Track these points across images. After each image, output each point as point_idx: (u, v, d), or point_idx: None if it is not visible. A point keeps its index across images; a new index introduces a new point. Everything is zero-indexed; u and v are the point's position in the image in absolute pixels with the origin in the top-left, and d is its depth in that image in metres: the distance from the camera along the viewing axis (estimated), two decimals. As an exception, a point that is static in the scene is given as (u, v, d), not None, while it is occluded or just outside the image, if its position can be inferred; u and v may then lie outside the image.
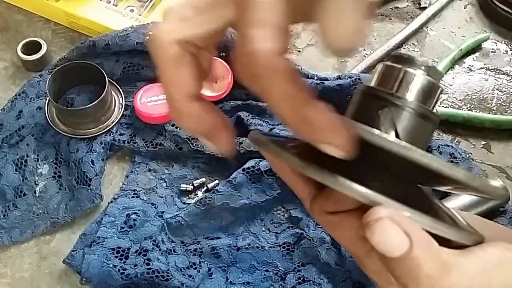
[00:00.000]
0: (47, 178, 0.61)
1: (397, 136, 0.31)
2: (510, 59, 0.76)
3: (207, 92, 0.65)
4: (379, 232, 0.27)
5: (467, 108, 0.71)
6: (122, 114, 0.66)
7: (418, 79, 0.32)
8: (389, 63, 0.33)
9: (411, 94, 0.32)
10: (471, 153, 0.66)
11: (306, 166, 0.28)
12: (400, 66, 0.32)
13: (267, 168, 0.59)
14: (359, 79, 0.65)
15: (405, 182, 0.32)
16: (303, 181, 0.34)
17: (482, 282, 0.28)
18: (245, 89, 0.71)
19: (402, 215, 0.27)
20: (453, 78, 0.74)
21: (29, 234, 0.58)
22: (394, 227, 0.27)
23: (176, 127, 0.63)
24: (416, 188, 0.33)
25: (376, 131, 0.27)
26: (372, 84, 0.33)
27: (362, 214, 0.29)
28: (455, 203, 0.58)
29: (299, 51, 0.75)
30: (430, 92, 0.32)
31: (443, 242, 0.29)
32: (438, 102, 0.60)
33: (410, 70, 0.32)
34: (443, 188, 0.32)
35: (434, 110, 0.32)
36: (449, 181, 0.29)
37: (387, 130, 0.31)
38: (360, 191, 0.27)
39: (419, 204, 0.30)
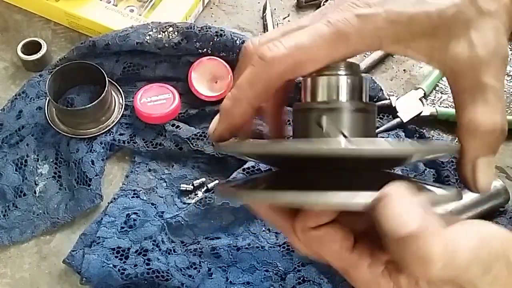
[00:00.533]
0: (47, 178, 0.61)
1: (345, 137, 0.33)
2: (510, 59, 0.76)
3: (207, 92, 0.65)
4: (390, 207, 0.27)
5: (467, 108, 0.71)
6: (122, 114, 0.66)
7: (341, 80, 0.33)
8: (311, 76, 0.34)
9: (341, 95, 0.33)
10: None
11: (274, 195, 0.29)
12: (321, 74, 0.34)
13: (267, 168, 0.59)
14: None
15: (371, 174, 0.33)
16: (281, 214, 0.35)
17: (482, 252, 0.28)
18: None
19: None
20: (453, 78, 0.74)
21: (29, 234, 0.58)
22: (405, 202, 0.27)
23: (176, 127, 0.63)
24: (386, 174, 0.34)
25: (314, 140, 0.29)
26: (304, 100, 0.35)
27: (343, 225, 0.31)
28: (454, 203, 0.58)
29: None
30: (356, 87, 0.34)
31: None
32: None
33: (330, 75, 0.34)
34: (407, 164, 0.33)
35: (367, 100, 0.34)
36: (404, 159, 0.31)
37: (335, 136, 0.32)
38: (331, 197, 0.28)
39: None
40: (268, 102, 0.39)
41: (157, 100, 0.64)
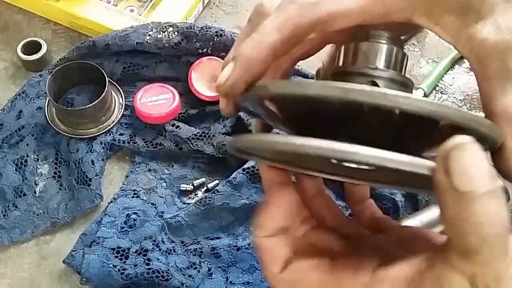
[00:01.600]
0: (47, 178, 0.61)
1: None
2: None
3: (207, 92, 0.65)
4: (468, 158, 0.24)
5: (467, 108, 0.71)
6: (122, 114, 0.66)
7: (389, 51, 0.33)
8: (363, 40, 0.33)
9: (389, 65, 0.32)
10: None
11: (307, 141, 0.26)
12: (371, 41, 0.33)
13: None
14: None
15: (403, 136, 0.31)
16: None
17: None
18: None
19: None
20: (453, 78, 0.74)
21: (29, 234, 0.58)
22: (483, 158, 0.25)
23: (176, 127, 0.63)
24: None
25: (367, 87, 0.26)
26: (345, 64, 0.33)
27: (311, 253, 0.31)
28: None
29: (299, 51, 0.75)
30: (402, 61, 0.33)
31: None
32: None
33: (380, 42, 0.33)
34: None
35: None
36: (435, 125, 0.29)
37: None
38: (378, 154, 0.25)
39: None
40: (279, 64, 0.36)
41: (157, 100, 0.64)
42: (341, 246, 0.34)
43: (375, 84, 0.32)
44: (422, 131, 0.31)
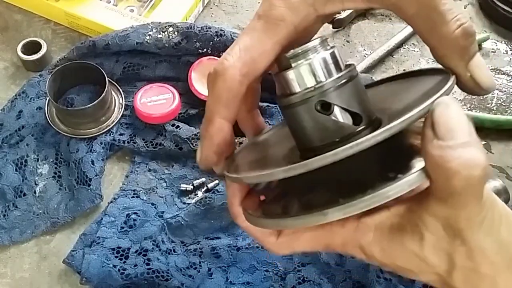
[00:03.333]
0: (47, 178, 0.61)
1: (349, 111, 0.33)
2: (510, 59, 0.76)
3: (207, 92, 0.65)
4: (450, 112, 0.29)
5: (467, 108, 0.71)
6: (122, 114, 0.66)
7: (323, 57, 0.33)
8: (286, 70, 0.34)
9: (329, 71, 0.33)
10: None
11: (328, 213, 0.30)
12: (304, 61, 0.33)
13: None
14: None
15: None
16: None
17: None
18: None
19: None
20: (453, 78, 0.74)
21: (29, 234, 0.58)
22: (462, 113, 0.29)
23: (176, 127, 0.63)
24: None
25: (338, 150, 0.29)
26: (289, 92, 0.34)
27: None
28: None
29: (299, 51, 0.75)
30: (337, 59, 0.34)
31: None
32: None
33: (311, 57, 0.33)
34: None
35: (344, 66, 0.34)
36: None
37: (343, 116, 0.33)
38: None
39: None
40: (240, 111, 0.39)
41: (157, 100, 0.64)
42: None
43: (324, 103, 0.33)
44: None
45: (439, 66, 0.35)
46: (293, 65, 0.33)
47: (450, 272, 0.31)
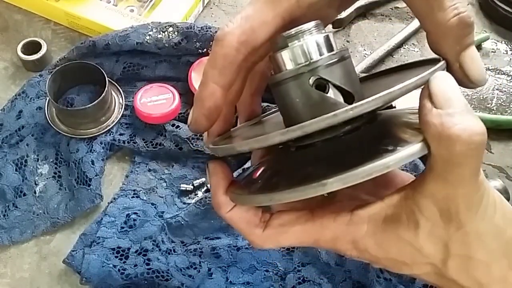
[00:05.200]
0: (47, 178, 0.61)
1: (341, 90, 0.33)
2: (510, 59, 0.76)
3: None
4: (446, 82, 0.30)
5: (467, 108, 0.71)
6: (122, 114, 0.66)
7: (317, 39, 0.34)
8: (280, 50, 0.34)
9: (322, 51, 0.33)
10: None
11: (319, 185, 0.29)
12: (297, 42, 0.34)
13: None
14: (359, 79, 0.65)
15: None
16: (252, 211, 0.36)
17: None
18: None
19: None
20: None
21: (29, 234, 0.58)
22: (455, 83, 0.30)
23: (176, 127, 0.63)
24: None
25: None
26: (284, 70, 0.34)
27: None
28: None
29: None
30: (330, 42, 0.34)
31: None
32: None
33: (306, 38, 0.34)
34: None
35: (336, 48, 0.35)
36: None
37: (335, 93, 0.33)
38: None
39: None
40: (244, 93, 0.39)
41: (157, 100, 0.64)
42: (318, 198, 0.36)
43: (317, 78, 0.33)
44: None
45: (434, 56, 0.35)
46: (289, 45, 0.34)
47: (445, 261, 0.31)
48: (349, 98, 0.33)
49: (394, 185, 0.36)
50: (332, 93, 0.33)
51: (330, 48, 0.34)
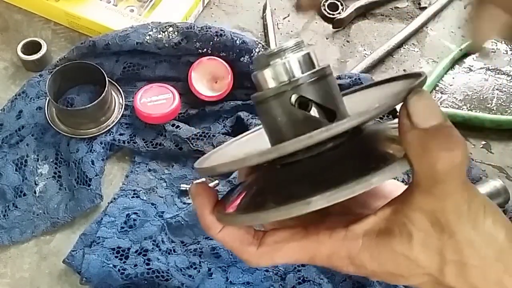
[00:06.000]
0: (47, 178, 0.61)
1: (320, 106, 0.33)
2: (510, 59, 0.76)
3: (207, 92, 0.65)
4: (424, 99, 0.29)
5: (467, 108, 0.71)
6: (122, 114, 0.66)
7: (298, 57, 0.34)
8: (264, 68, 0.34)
9: (304, 69, 0.34)
10: (471, 153, 0.66)
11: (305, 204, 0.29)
12: (279, 60, 0.34)
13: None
14: (359, 79, 0.65)
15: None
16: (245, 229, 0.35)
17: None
18: (245, 89, 0.72)
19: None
20: (453, 78, 0.74)
21: (29, 234, 0.58)
22: (433, 100, 0.30)
23: (176, 127, 0.63)
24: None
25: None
26: (266, 88, 0.34)
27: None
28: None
29: (299, 51, 0.75)
30: (311, 60, 0.34)
31: None
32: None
33: (287, 56, 0.34)
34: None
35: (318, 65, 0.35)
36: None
37: (317, 111, 0.33)
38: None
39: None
40: None
41: (157, 100, 0.64)
42: (310, 215, 0.35)
43: (299, 97, 0.33)
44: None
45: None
46: (270, 63, 0.34)
47: (441, 269, 0.31)
48: (331, 115, 0.33)
49: (383, 194, 0.36)
50: (313, 111, 0.33)
51: (311, 65, 0.34)
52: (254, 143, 0.41)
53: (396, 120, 0.31)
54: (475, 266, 0.30)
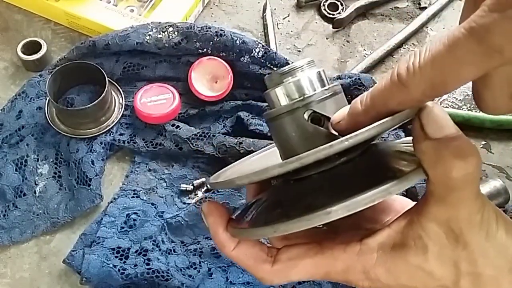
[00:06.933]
0: (47, 178, 0.61)
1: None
2: None
3: (207, 92, 0.65)
4: (435, 112, 0.30)
5: (467, 108, 0.71)
6: (122, 114, 0.66)
7: (309, 75, 0.35)
8: (280, 84, 0.36)
9: (315, 87, 0.35)
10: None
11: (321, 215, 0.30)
12: (291, 78, 0.35)
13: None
14: (359, 79, 0.65)
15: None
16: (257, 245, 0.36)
17: None
18: (245, 89, 0.72)
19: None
20: (453, 78, 0.74)
21: (29, 234, 0.58)
22: (444, 112, 0.30)
23: (176, 127, 0.63)
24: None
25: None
26: (279, 105, 0.36)
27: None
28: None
29: (299, 51, 0.75)
30: (322, 78, 0.36)
31: None
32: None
33: (299, 75, 0.35)
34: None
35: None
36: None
37: (329, 126, 0.34)
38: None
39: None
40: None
41: (157, 100, 0.64)
42: (322, 231, 0.36)
43: (312, 112, 0.34)
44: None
45: None
46: (283, 81, 0.35)
47: (457, 281, 0.31)
48: None
49: (393, 209, 0.36)
50: (326, 126, 0.34)
51: (322, 83, 0.35)
52: (262, 162, 0.42)
53: (405, 138, 0.31)
54: (490, 275, 0.31)
